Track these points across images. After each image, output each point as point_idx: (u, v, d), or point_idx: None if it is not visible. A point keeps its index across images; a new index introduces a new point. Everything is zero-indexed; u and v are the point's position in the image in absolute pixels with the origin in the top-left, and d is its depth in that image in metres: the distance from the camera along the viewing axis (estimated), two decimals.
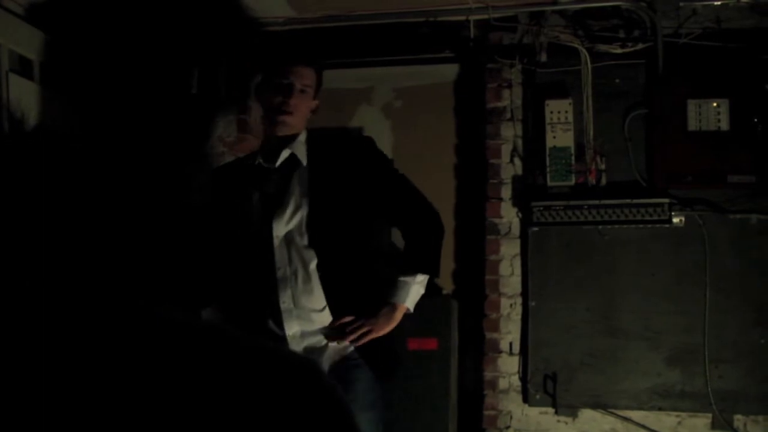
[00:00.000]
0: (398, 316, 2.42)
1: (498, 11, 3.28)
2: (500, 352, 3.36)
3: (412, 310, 2.46)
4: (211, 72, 3.51)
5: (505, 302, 3.36)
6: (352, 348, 2.39)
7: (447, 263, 3.43)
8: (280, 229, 2.38)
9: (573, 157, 3.28)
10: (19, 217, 0.93)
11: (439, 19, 3.39)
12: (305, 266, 2.36)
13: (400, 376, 2.55)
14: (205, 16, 3.39)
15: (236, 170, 2.57)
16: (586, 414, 3.29)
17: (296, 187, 2.41)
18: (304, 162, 2.44)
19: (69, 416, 0.87)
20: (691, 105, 3.19)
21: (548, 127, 3.29)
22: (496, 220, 3.38)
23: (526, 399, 3.31)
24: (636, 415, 3.25)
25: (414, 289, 2.44)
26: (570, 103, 3.29)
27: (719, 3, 3.20)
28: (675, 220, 3.21)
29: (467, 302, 3.37)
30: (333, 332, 2.38)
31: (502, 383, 3.35)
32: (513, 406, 3.34)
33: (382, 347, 2.40)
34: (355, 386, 2.35)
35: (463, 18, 3.36)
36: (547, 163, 3.29)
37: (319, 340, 2.39)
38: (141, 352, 0.91)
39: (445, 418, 3.16)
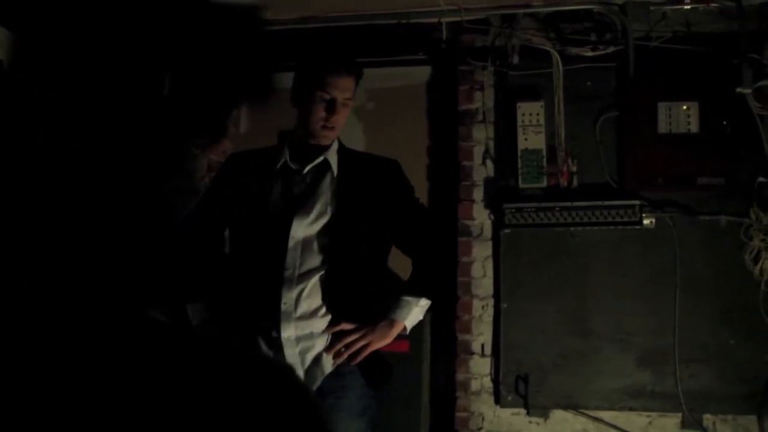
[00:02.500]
0: (394, 333, 2.43)
1: (470, 14, 3.30)
2: (472, 353, 3.37)
3: (408, 331, 2.49)
4: (187, 74, 3.50)
5: (477, 304, 3.36)
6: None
7: None
8: (299, 231, 2.38)
9: (544, 159, 3.29)
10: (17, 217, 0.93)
11: (412, 21, 3.41)
12: (314, 272, 2.37)
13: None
14: (182, 17, 3.38)
15: (256, 163, 2.54)
16: (558, 415, 3.30)
17: (324, 193, 2.43)
18: (335, 171, 2.46)
19: (66, 415, 0.87)
20: (662, 108, 3.21)
21: (520, 130, 3.31)
22: (468, 222, 3.39)
23: (498, 400, 3.32)
24: (607, 415, 3.27)
25: (415, 311, 2.47)
26: (542, 106, 3.30)
27: (689, 7, 3.24)
28: (645, 221, 3.24)
29: (439, 304, 3.37)
30: (330, 345, 2.38)
31: (474, 385, 3.36)
32: (485, 407, 3.35)
33: (375, 356, 2.42)
34: (348, 393, 2.37)
35: (435, 20, 3.37)
36: (519, 165, 3.30)
37: (313, 344, 2.38)
38: (126, 355, 0.91)
39: (417, 421, 3.16)
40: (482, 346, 3.37)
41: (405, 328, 2.46)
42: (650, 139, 3.21)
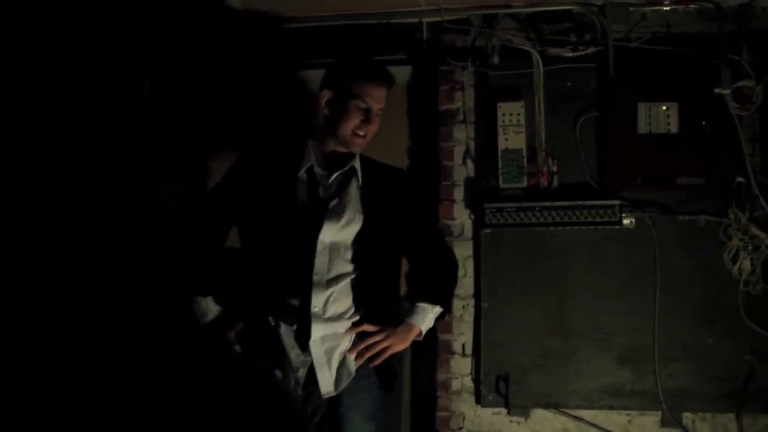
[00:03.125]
0: (411, 337, 2.49)
1: (451, 14, 3.30)
2: (453, 353, 3.38)
3: (422, 337, 2.53)
4: (170, 74, 3.50)
5: (457, 304, 3.37)
6: None
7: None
8: (328, 236, 2.39)
9: (525, 159, 3.30)
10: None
11: (393, 21, 3.41)
12: (344, 277, 2.41)
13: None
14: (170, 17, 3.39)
15: (276, 162, 2.52)
16: (539, 414, 3.32)
17: (352, 200, 2.45)
18: (360, 179, 2.48)
19: (65, 413, 0.89)
20: (641, 108, 3.22)
21: (500, 130, 3.31)
22: (449, 222, 3.40)
23: (479, 400, 3.33)
24: (587, 414, 3.29)
25: (429, 318, 2.52)
26: (522, 106, 3.31)
27: (668, 8, 3.25)
28: (625, 221, 3.25)
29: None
30: (353, 345, 2.43)
31: (455, 384, 3.37)
32: (466, 407, 3.36)
33: (387, 360, 2.47)
34: (366, 395, 2.43)
35: (416, 20, 3.37)
36: (500, 165, 3.31)
37: (337, 344, 2.42)
38: (125, 355, 0.93)
39: (398, 420, 3.16)
40: (463, 345, 3.38)
41: (421, 333, 2.52)
42: (630, 140, 3.21)
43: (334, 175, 2.46)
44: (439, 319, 2.56)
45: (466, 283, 3.38)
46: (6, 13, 3.06)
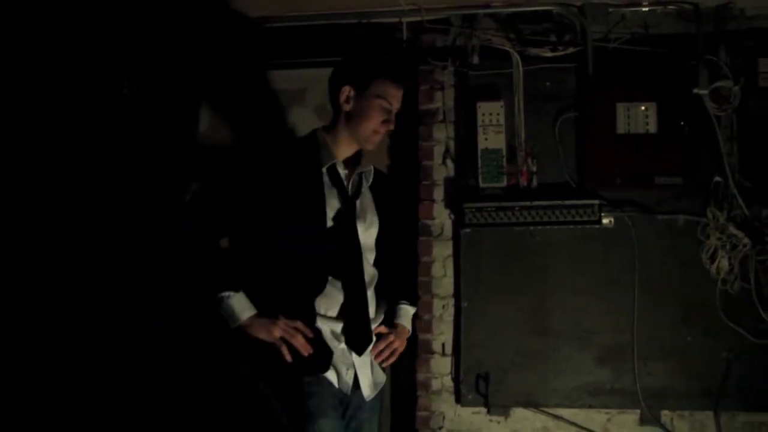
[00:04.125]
0: (406, 338, 2.61)
1: (431, 14, 3.30)
2: (433, 353, 3.38)
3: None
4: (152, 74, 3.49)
5: (437, 303, 3.37)
6: None
7: None
8: (360, 237, 2.42)
9: (504, 159, 3.30)
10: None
11: (373, 20, 3.40)
12: (373, 279, 2.45)
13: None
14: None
15: (292, 159, 2.39)
16: (518, 413, 3.32)
17: (369, 201, 2.48)
18: (371, 180, 2.49)
19: (66, 413, 0.89)
20: (620, 108, 3.24)
21: (480, 129, 3.32)
22: (429, 222, 3.40)
23: (459, 399, 3.33)
24: (567, 413, 3.30)
25: (410, 319, 2.65)
26: (501, 106, 3.31)
27: (647, 9, 3.27)
28: (605, 221, 3.27)
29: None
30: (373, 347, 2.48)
31: (435, 384, 3.37)
32: (446, 406, 3.36)
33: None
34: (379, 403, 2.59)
35: (396, 20, 3.37)
36: (479, 164, 3.31)
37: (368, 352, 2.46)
38: (123, 358, 0.94)
39: (378, 420, 3.16)
40: (443, 345, 3.38)
41: (409, 333, 2.62)
42: (609, 140, 3.23)
43: (355, 174, 2.44)
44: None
45: (445, 283, 3.38)
46: (6, 13, 3.06)
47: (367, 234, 2.43)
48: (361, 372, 2.41)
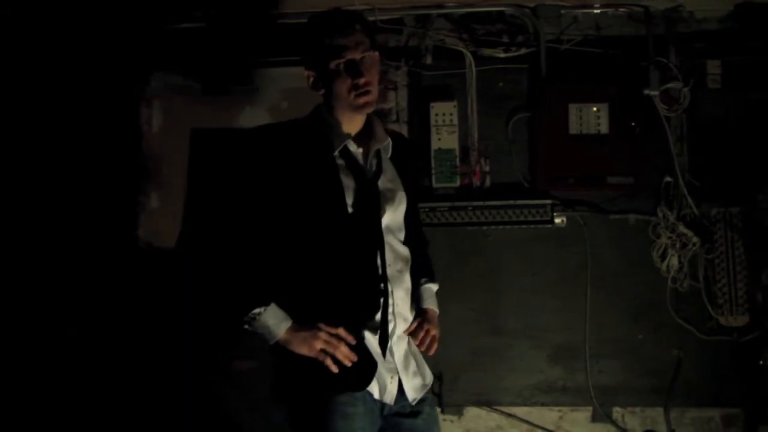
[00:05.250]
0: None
1: (384, 13, 3.29)
2: None
3: None
4: None
5: None
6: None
7: None
8: (386, 220, 2.09)
9: (458, 159, 3.32)
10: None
11: None
12: (406, 266, 2.14)
13: None
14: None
15: (297, 145, 2.08)
16: (472, 412, 3.35)
17: (394, 176, 2.17)
18: (390, 151, 2.19)
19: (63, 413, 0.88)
20: (573, 109, 3.26)
21: (433, 129, 3.33)
22: None
23: None
24: (520, 411, 3.33)
25: (435, 298, 2.36)
26: (455, 106, 3.33)
27: (599, 11, 3.29)
28: (557, 220, 3.30)
29: None
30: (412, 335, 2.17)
31: None
32: None
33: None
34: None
35: None
36: (433, 164, 3.32)
37: (407, 341, 2.15)
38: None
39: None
40: None
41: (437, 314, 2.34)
42: (561, 140, 3.25)
43: (373, 150, 2.13)
44: None
45: None
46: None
47: (397, 213, 2.15)
48: (404, 374, 2.11)
